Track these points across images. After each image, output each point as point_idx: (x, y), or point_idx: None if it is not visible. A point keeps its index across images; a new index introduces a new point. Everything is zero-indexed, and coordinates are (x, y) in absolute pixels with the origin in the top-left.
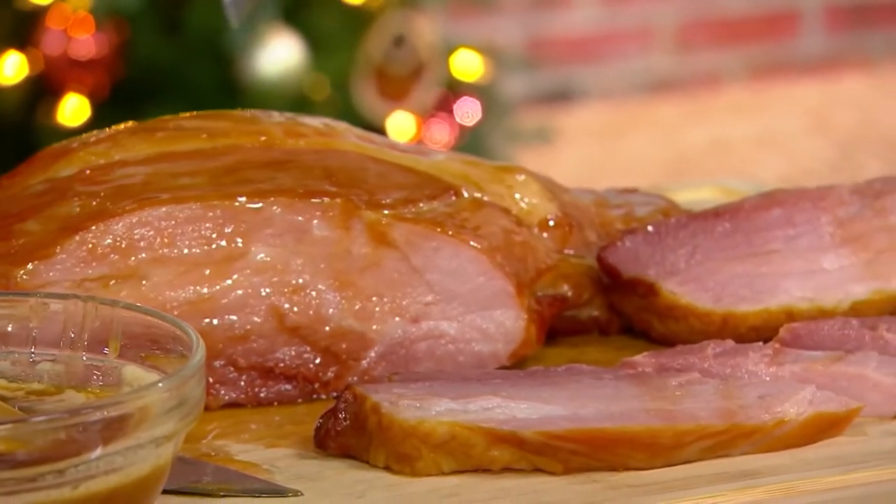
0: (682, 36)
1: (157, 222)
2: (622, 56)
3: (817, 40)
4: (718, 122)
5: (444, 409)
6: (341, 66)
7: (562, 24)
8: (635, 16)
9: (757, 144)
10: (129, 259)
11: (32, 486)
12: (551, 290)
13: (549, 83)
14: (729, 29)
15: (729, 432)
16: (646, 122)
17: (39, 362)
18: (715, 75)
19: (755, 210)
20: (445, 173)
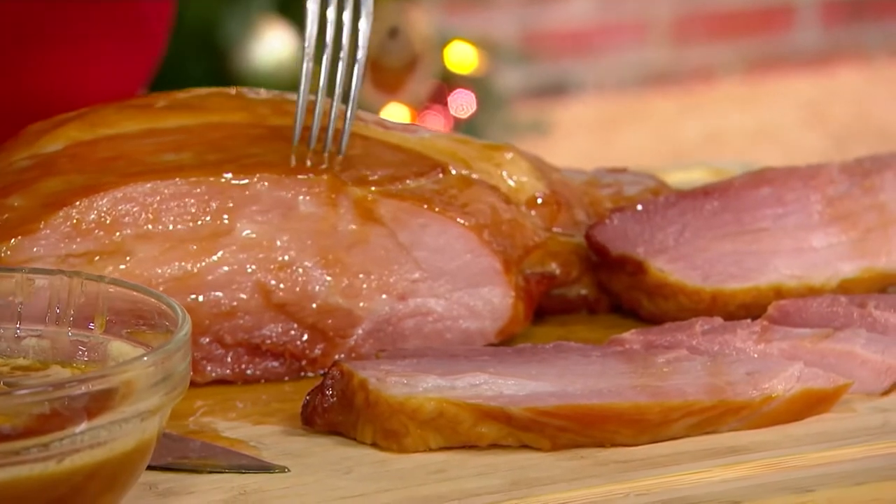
0: (677, 29)
1: (142, 198)
2: (617, 49)
3: (812, 34)
4: (714, 115)
5: (431, 385)
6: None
7: (557, 16)
8: (630, 9)
9: (752, 137)
10: (114, 235)
11: (17, 459)
12: (539, 268)
13: (545, 76)
14: (724, 22)
15: (716, 408)
16: (641, 115)
17: (25, 338)
18: (710, 68)
19: (744, 188)
20: (433, 150)
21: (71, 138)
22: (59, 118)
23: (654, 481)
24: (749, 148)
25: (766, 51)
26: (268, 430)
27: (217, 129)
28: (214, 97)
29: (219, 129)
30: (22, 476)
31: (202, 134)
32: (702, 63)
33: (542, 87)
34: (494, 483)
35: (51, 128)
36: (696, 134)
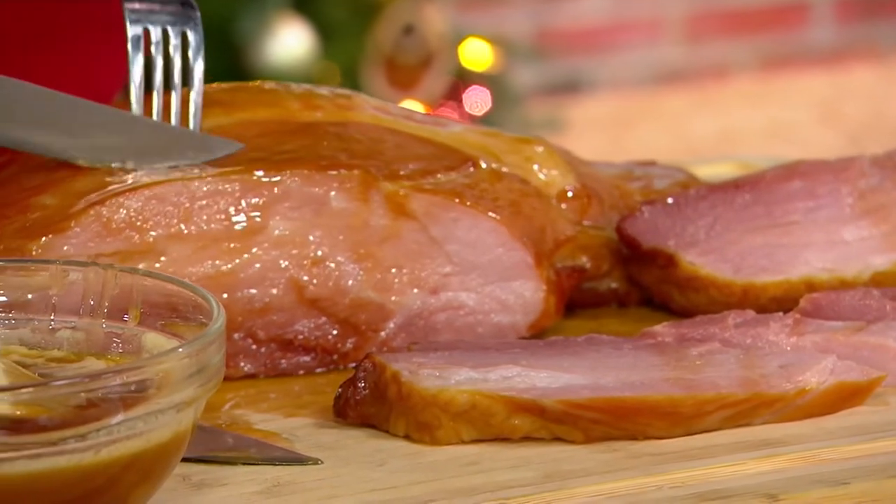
0: (691, 26)
1: (173, 197)
2: (631, 47)
3: (827, 31)
4: (727, 112)
5: (464, 377)
6: (351, 55)
7: (571, 14)
8: (644, 6)
9: (766, 135)
10: (146, 235)
11: (55, 450)
12: (570, 262)
13: (558, 74)
14: (738, 19)
15: (750, 401)
16: (655, 112)
17: (59, 330)
18: (724, 66)
19: (775, 181)
20: (464, 144)
21: None
22: None
23: (687, 474)
24: (763, 146)
25: (780, 48)
26: (300, 423)
27: (248, 126)
28: (242, 93)
29: (250, 127)
30: (59, 466)
31: (234, 133)
32: (715, 60)
33: (555, 85)
34: (528, 475)
35: None
36: (710, 132)
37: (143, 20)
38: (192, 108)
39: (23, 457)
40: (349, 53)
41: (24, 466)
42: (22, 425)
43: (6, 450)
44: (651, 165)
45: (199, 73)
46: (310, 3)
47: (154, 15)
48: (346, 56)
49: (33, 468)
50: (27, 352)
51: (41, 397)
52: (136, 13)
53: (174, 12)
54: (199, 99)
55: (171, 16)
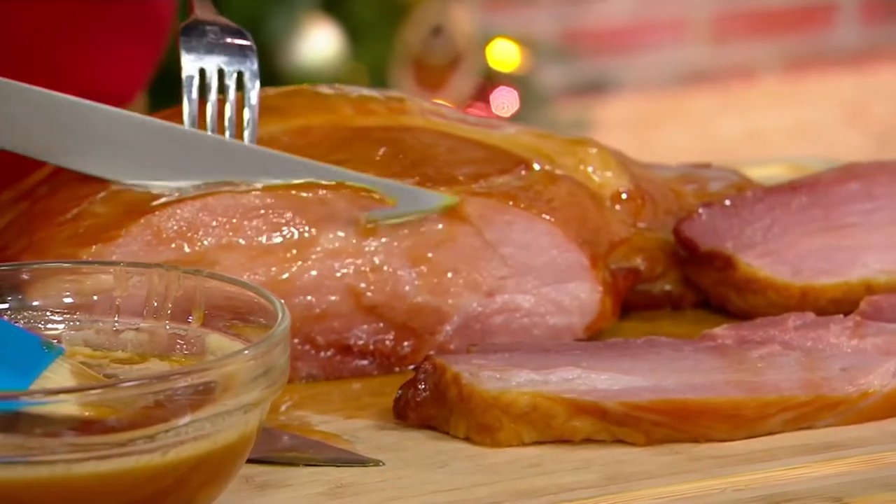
0: (716, 27)
1: (223, 210)
2: (657, 47)
3: (853, 32)
4: (753, 113)
5: (524, 379)
6: (379, 56)
7: (596, 15)
8: (670, 7)
9: (792, 136)
10: (196, 245)
11: (123, 451)
12: (625, 263)
13: (585, 74)
14: (764, 20)
15: (812, 404)
16: (680, 113)
17: (123, 331)
18: (750, 67)
19: (833, 184)
20: (517, 146)
21: None
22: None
23: (751, 477)
24: (788, 146)
25: (805, 49)
26: (361, 424)
27: (301, 134)
28: (296, 98)
29: (303, 135)
30: (128, 467)
31: (287, 142)
32: (741, 61)
33: (581, 85)
34: (590, 477)
35: None
36: (736, 132)
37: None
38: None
39: (92, 458)
40: (377, 54)
41: (93, 467)
42: (90, 426)
43: (76, 451)
44: (705, 167)
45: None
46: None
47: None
48: (374, 57)
49: (102, 469)
50: (92, 353)
51: (109, 398)
52: (192, 51)
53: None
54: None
55: (228, 55)
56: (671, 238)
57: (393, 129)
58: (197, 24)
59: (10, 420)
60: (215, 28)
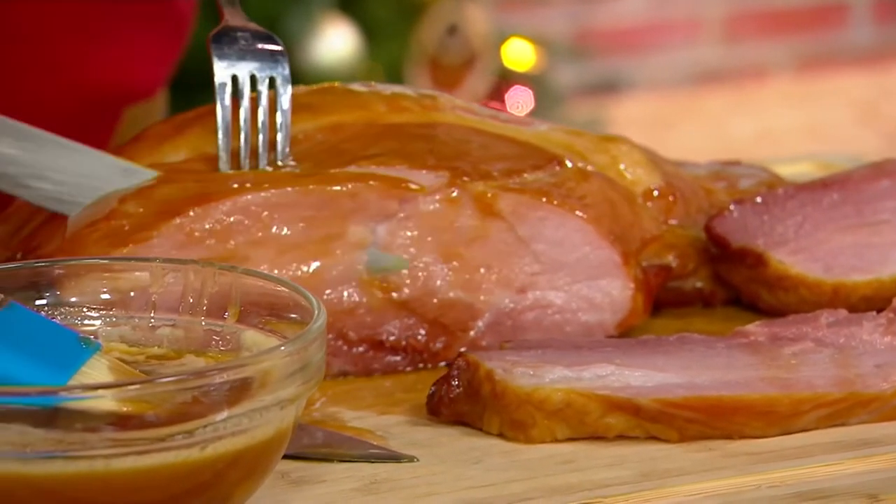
0: (729, 27)
1: (254, 208)
2: (669, 47)
3: (866, 31)
4: (766, 112)
5: (558, 376)
6: (395, 55)
7: (610, 15)
8: (682, 7)
9: (804, 135)
10: (228, 242)
11: (162, 446)
12: (657, 260)
13: (598, 74)
14: (776, 20)
15: (846, 401)
16: (694, 112)
17: (159, 327)
18: (762, 66)
19: (864, 181)
20: (549, 143)
21: (193, 147)
22: (180, 119)
23: (785, 473)
24: (801, 146)
25: (818, 48)
26: (394, 420)
27: (335, 131)
28: (329, 95)
29: (336, 132)
30: (167, 462)
31: (321, 139)
32: (754, 61)
33: (595, 85)
34: (624, 474)
35: (173, 132)
36: (749, 131)
37: (232, 67)
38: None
39: (131, 452)
40: (393, 53)
41: (132, 462)
42: (129, 422)
43: (115, 445)
44: (735, 165)
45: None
46: (355, 3)
47: (243, 61)
48: (390, 56)
49: (141, 464)
50: (128, 349)
51: (147, 394)
52: (225, 58)
53: (262, 56)
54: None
55: (260, 61)
56: (702, 235)
57: (426, 126)
58: (228, 31)
59: (50, 415)
60: (246, 34)
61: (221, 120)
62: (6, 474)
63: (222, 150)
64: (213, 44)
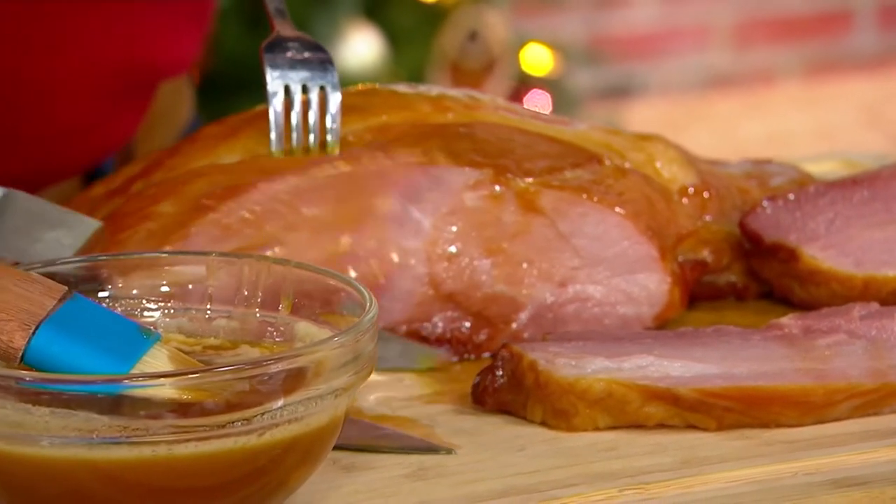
0: (738, 33)
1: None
2: (681, 52)
3: (870, 37)
4: (774, 116)
5: (599, 367)
6: (418, 60)
7: (624, 21)
8: (693, 13)
9: (812, 138)
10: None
11: (222, 433)
12: (692, 255)
13: (613, 78)
14: (784, 26)
15: (879, 391)
16: (704, 116)
17: (215, 319)
18: (771, 71)
19: (892, 178)
20: (588, 142)
21: (247, 148)
22: (233, 121)
23: (821, 461)
24: (809, 148)
25: (824, 53)
26: (439, 409)
27: (383, 130)
28: (375, 97)
29: (384, 131)
30: (226, 448)
31: (370, 139)
32: (762, 66)
33: (609, 89)
34: (665, 461)
35: (228, 133)
36: (758, 134)
37: (284, 76)
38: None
39: (192, 439)
40: (416, 58)
41: (193, 448)
42: (189, 409)
43: (177, 432)
44: (767, 163)
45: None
46: (379, 10)
47: (294, 71)
48: (413, 61)
49: (202, 450)
50: (185, 339)
51: (207, 383)
52: (277, 67)
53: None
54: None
55: (310, 70)
56: (736, 231)
57: (469, 125)
58: (279, 41)
59: (114, 403)
60: (296, 44)
61: (275, 126)
62: (73, 459)
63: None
64: (266, 53)
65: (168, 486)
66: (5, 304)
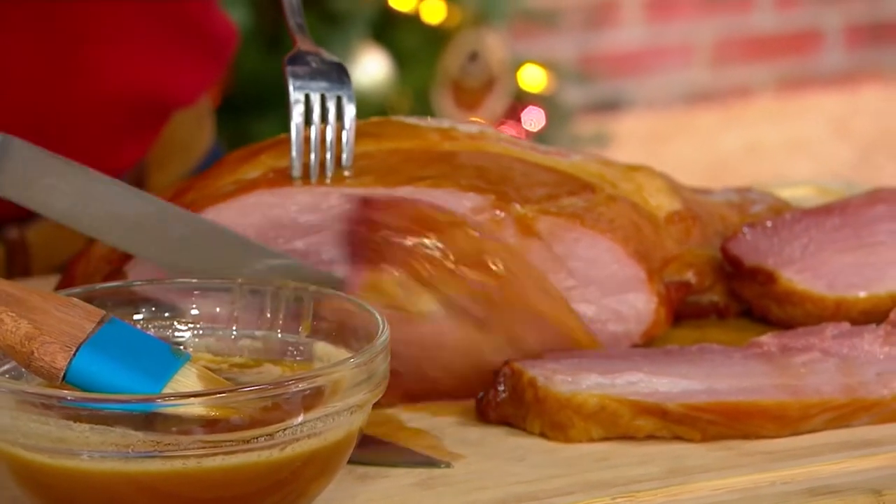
0: (717, 52)
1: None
2: (665, 70)
3: (838, 56)
4: (751, 128)
5: (593, 383)
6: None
7: (611, 41)
8: (676, 33)
9: (786, 148)
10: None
11: (246, 447)
12: (677, 277)
13: (601, 94)
14: (759, 45)
15: (850, 406)
16: (687, 128)
17: (240, 339)
18: (747, 87)
19: (861, 207)
20: (583, 172)
21: (268, 165)
22: (256, 146)
23: (798, 471)
24: (782, 157)
25: (796, 70)
26: (446, 422)
27: (395, 153)
28: (388, 126)
29: (396, 154)
30: (251, 461)
31: (382, 159)
32: (739, 82)
33: (598, 104)
34: (653, 471)
35: (249, 155)
36: (735, 145)
37: (305, 86)
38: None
39: (220, 453)
40: (421, 78)
41: (221, 461)
42: (217, 425)
43: (205, 447)
44: (747, 191)
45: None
46: (388, 33)
47: (314, 81)
48: (418, 80)
49: (228, 462)
50: (213, 358)
51: (234, 401)
52: (299, 78)
53: (331, 77)
54: (351, 137)
55: (329, 81)
56: (718, 255)
57: (475, 154)
58: (301, 55)
59: (148, 420)
60: (316, 58)
61: (295, 132)
62: (110, 472)
63: (295, 159)
64: (288, 66)
65: (197, 497)
66: (48, 327)
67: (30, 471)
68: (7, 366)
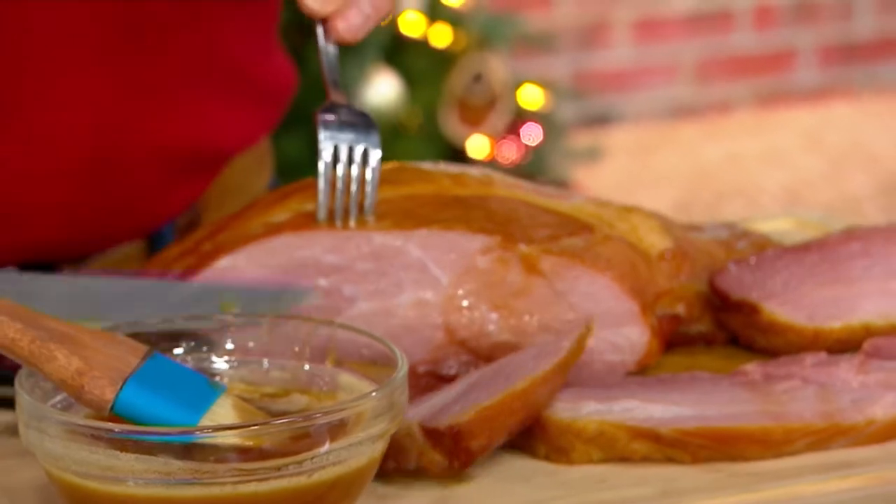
0: (700, 70)
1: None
2: (652, 87)
3: (811, 73)
4: (730, 140)
5: (592, 409)
6: (431, 99)
7: (603, 60)
8: (662, 53)
9: (762, 160)
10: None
11: (277, 474)
12: (668, 310)
13: (593, 109)
14: (739, 64)
15: (829, 430)
16: (672, 141)
17: (270, 370)
18: (727, 102)
19: (837, 244)
20: (582, 214)
21: (294, 209)
22: (285, 190)
23: (782, 491)
24: (760, 168)
25: (773, 87)
26: None
27: (410, 199)
28: (405, 172)
29: (412, 200)
30: (281, 487)
31: (399, 204)
32: (720, 98)
33: (591, 118)
34: (648, 492)
35: (279, 198)
36: (716, 156)
37: (334, 137)
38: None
39: (253, 479)
40: (430, 97)
41: (254, 487)
42: (250, 453)
43: (240, 474)
44: (731, 227)
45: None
46: (398, 56)
47: (342, 133)
48: (427, 99)
49: (261, 489)
50: (246, 387)
51: (267, 432)
52: (328, 128)
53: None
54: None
55: (356, 133)
56: (706, 289)
57: (483, 198)
58: (332, 107)
59: (188, 449)
60: (345, 110)
61: (323, 177)
62: (154, 497)
63: (321, 204)
64: (320, 116)
65: None
66: (97, 363)
67: (82, 495)
68: (58, 398)
